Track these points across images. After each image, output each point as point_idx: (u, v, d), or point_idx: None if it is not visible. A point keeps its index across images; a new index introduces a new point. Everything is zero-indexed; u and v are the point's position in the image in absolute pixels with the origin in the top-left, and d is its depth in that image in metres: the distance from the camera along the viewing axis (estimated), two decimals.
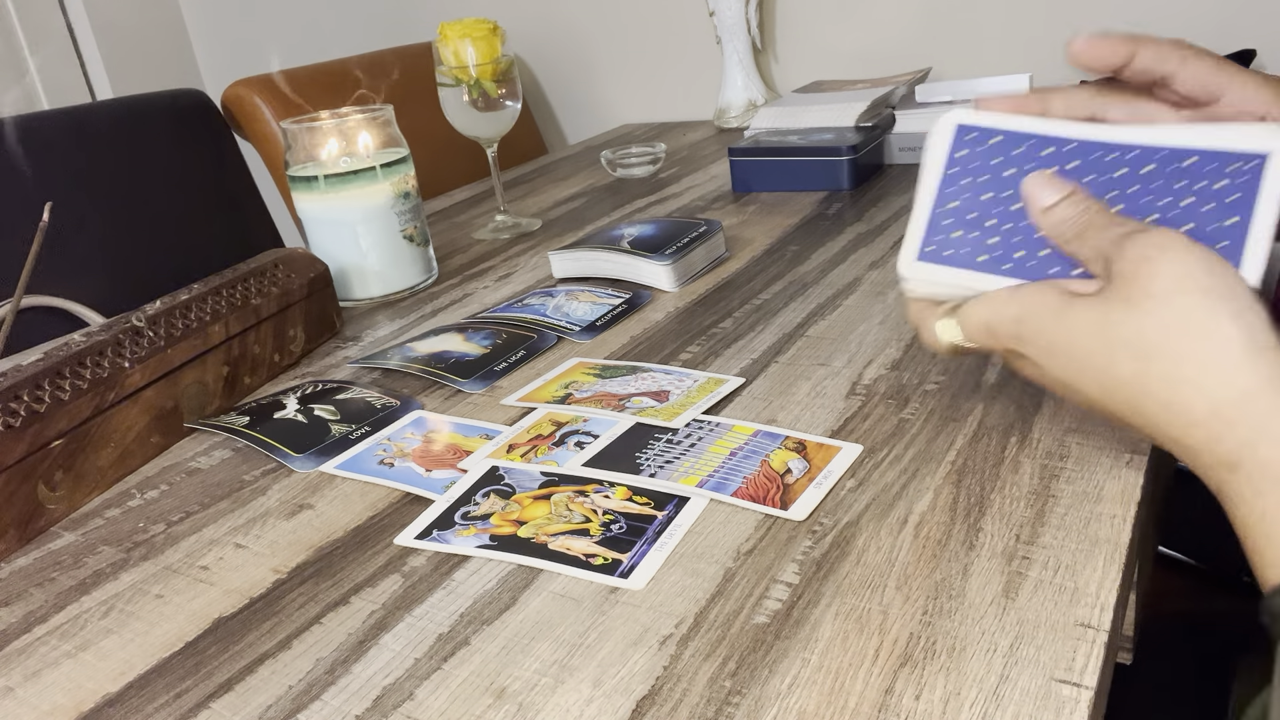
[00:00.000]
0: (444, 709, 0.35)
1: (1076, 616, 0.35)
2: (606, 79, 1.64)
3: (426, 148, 1.12)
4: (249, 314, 0.65)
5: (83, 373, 0.53)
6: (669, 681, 0.35)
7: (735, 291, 0.73)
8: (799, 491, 0.45)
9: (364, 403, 0.60)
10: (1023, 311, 0.40)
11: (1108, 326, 0.36)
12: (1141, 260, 0.36)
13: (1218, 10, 1.18)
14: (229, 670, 0.38)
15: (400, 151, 0.81)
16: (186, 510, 0.51)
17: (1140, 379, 0.36)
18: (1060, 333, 0.38)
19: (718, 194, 1.05)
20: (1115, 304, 0.36)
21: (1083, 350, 0.37)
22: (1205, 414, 0.34)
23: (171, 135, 1.18)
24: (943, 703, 0.32)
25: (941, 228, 0.43)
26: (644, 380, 0.58)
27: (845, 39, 1.42)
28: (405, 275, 0.82)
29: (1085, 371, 0.38)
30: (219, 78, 1.98)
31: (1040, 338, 0.39)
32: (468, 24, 0.93)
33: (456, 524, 0.46)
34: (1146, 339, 0.35)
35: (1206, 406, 0.34)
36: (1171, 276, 0.35)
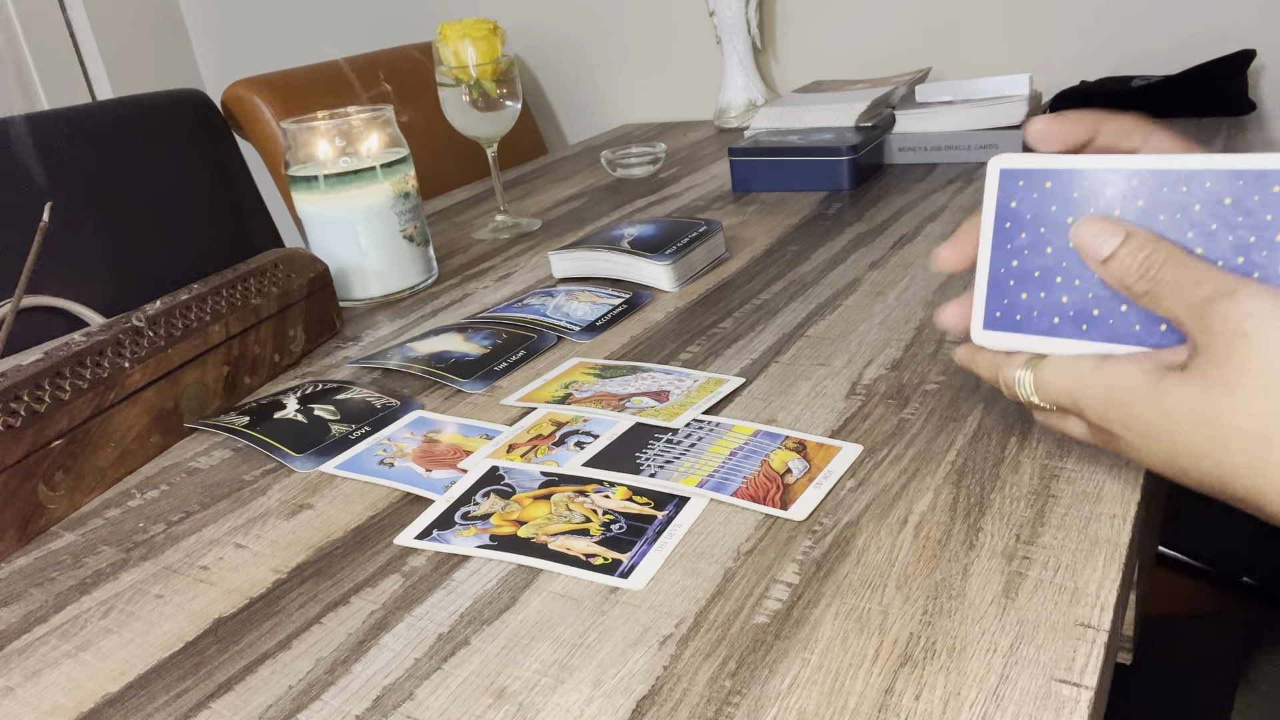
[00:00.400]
0: (444, 709, 0.35)
1: (1076, 616, 0.35)
2: (606, 79, 1.64)
3: (426, 148, 1.12)
4: (249, 314, 0.65)
5: (83, 373, 0.53)
6: (669, 681, 0.35)
7: (735, 291, 0.73)
8: (799, 491, 0.45)
9: (364, 403, 0.60)
10: (1109, 391, 0.36)
11: (1209, 412, 0.34)
12: (1235, 336, 0.33)
13: (1218, 10, 1.18)
14: (229, 670, 0.38)
15: (400, 151, 0.81)
16: (186, 510, 0.51)
17: (1258, 468, 0.33)
18: (1156, 417, 0.35)
19: (718, 194, 1.05)
20: (1213, 388, 0.33)
21: (1185, 437, 0.35)
22: None
23: (171, 135, 1.18)
24: (943, 703, 0.32)
25: (1007, 289, 0.39)
26: (644, 380, 0.58)
27: (845, 39, 1.42)
28: (405, 275, 0.82)
29: (1193, 458, 0.35)
30: (219, 78, 1.98)
31: (1134, 421, 0.36)
32: (468, 24, 0.93)
33: (456, 524, 0.46)
34: (1257, 425, 0.33)
35: None
36: (1269, 353, 0.32)
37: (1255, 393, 0.32)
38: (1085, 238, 0.37)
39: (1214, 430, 0.34)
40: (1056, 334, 0.39)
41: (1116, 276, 0.36)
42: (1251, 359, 0.32)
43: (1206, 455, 0.34)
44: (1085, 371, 0.37)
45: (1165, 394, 0.35)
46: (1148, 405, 0.35)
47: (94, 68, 1.86)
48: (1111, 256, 0.36)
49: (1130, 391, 0.36)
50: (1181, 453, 0.35)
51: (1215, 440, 0.34)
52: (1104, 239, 0.36)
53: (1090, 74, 1.23)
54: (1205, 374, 0.34)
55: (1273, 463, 0.32)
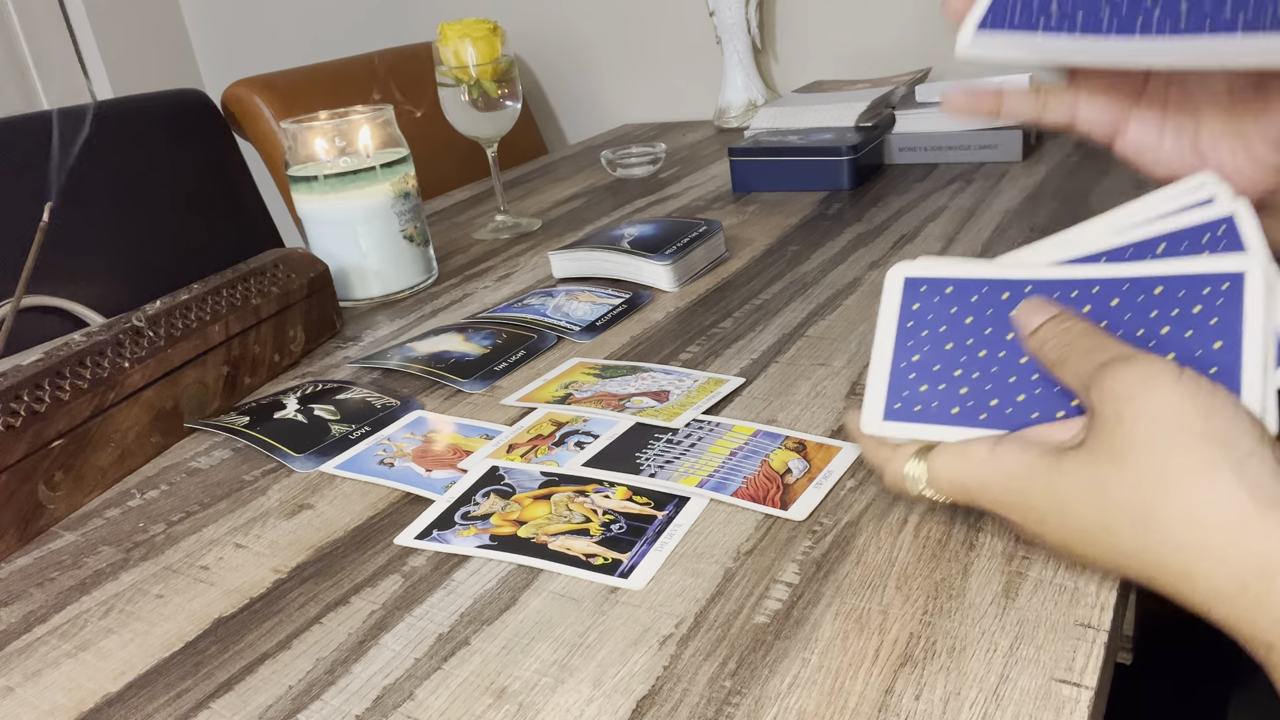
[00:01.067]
0: (444, 709, 0.35)
1: (1076, 616, 0.35)
2: (606, 79, 1.64)
3: (426, 148, 1.12)
4: (249, 314, 0.65)
5: (83, 373, 0.53)
6: (669, 681, 0.35)
7: (735, 291, 0.73)
8: (799, 491, 0.45)
9: (364, 403, 0.60)
10: (1004, 477, 0.35)
11: (1100, 491, 0.32)
12: (1125, 400, 0.32)
13: None
14: (229, 670, 0.38)
15: (400, 151, 0.81)
16: (186, 510, 0.51)
17: (1149, 552, 0.32)
18: (1050, 501, 0.34)
19: (718, 194, 1.05)
20: (1102, 462, 0.32)
21: (1077, 520, 0.33)
22: (1231, 590, 0.30)
23: (171, 135, 1.18)
24: (943, 703, 0.32)
25: (907, 382, 0.40)
26: (644, 380, 0.58)
27: (845, 39, 1.42)
28: (405, 275, 0.82)
29: (1085, 541, 0.34)
30: (219, 78, 1.98)
31: (1029, 508, 0.35)
32: (468, 24, 0.93)
33: (456, 524, 0.46)
34: (1142, 502, 0.31)
35: (1230, 582, 0.30)
36: (1159, 421, 0.31)
37: (1141, 465, 0.31)
38: (1021, 313, 0.38)
39: (1102, 509, 0.32)
40: (954, 423, 0.39)
41: (1037, 345, 0.37)
42: (1138, 426, 0.32)
43: (1098, 539, 0.33)
44: (978, 459, 0.36)
45: (1059, 477, 0.34)
46: (1042, 492, 0.34)
47: (94, 68, 1.86)
48: (1039, 328, 0.37)
49: (1024, 476, 0.35)
50: (1079, 539, 0.34)
51: (1104, 522, 0.32)
52: (1035, 314, 0.37)
53: None
54: (1096, 448, 0.33)
55: (1160, 546, 0.31)
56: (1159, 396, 0.32)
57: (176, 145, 1.18)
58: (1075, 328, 0.36)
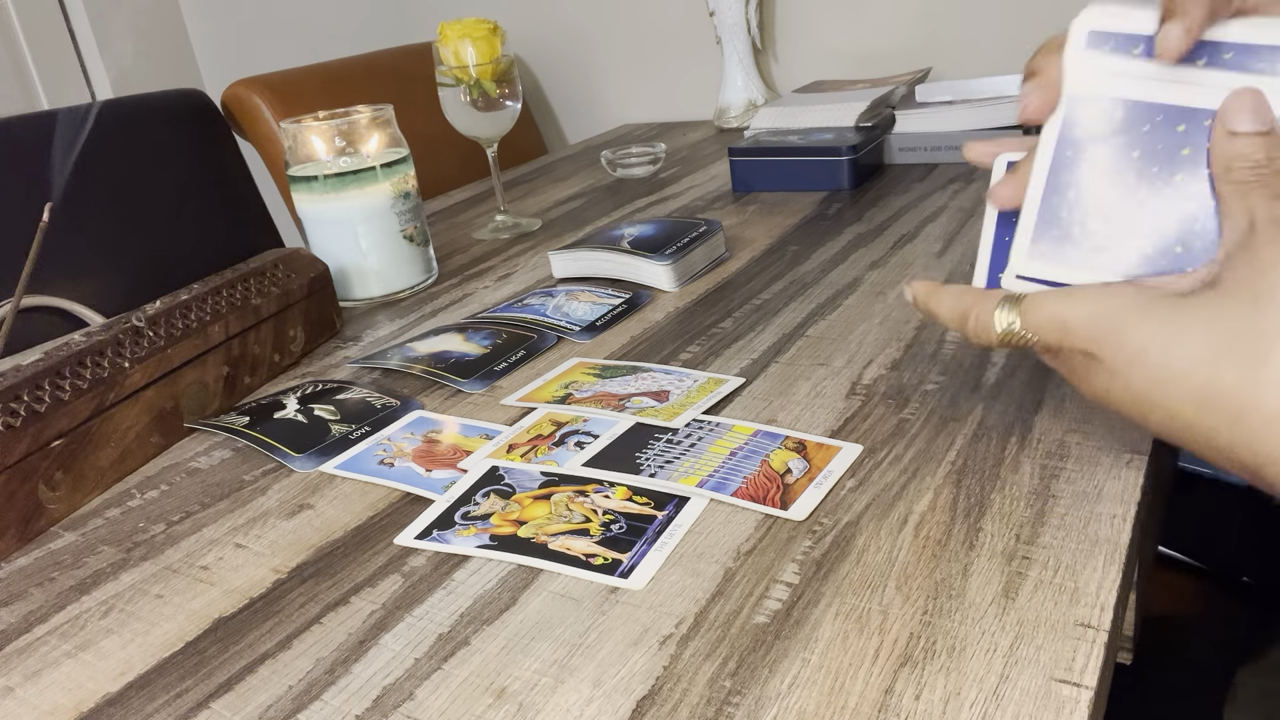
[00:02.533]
0: (444, 709, 0.35)
1: (1076, 616, 0.35)
2: (606, 79, 1.64)
3: (426, 148, 1.12)
4: (249, 314, 0.65)
5: (83, 373, 0.53)
6: (669, 681, 0.35)
7: (735, 291, 0.73)
8: (799, 491, 0.45)
9: (364, 403, 0.60)
10: (1113, 308, 0.34)
11: (1221, 325, 0.32)
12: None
13: None
14: (229, 670, 0.38)
15: (400, 151, 0.81)
16: (186, 510, 0.51)
17: (1249, 386, 0.31)
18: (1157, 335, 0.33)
19: (718, 194, 1.05)
20: (1239, 300, 0.32)
21: (1182, 355, 0.32)
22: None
23: (171, 135, 1.18)
24: (943, 703, 0.32)
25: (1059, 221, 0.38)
26: (644, 380, 0.58)
27: (845, 39, 1.42)
28: (405, 275, 0.82)
29: (1179, 379, 0.32)
30: (219, 78, 1.98)
31: (1129, 340, 0.34)
32: (468, 24, 0.93)
33: (456, 524, 0.46)
34: (1264, 340, 0.31)
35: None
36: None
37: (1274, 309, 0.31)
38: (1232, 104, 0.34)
39: (1216, 341, 0.32)
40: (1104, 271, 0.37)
41: (1230, 155, 0.34)
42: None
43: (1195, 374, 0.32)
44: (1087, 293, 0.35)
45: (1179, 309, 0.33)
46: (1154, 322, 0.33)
47: (94, 68, 1.86)
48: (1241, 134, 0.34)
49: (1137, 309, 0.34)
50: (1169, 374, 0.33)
51: (1212, 354, 0.32)
52: (1245, 116, 0.34)
53: None
54: (1237, 287, 0.32)
55: (1261, 379, 0.31)
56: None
57: (176, 145, 1.18)
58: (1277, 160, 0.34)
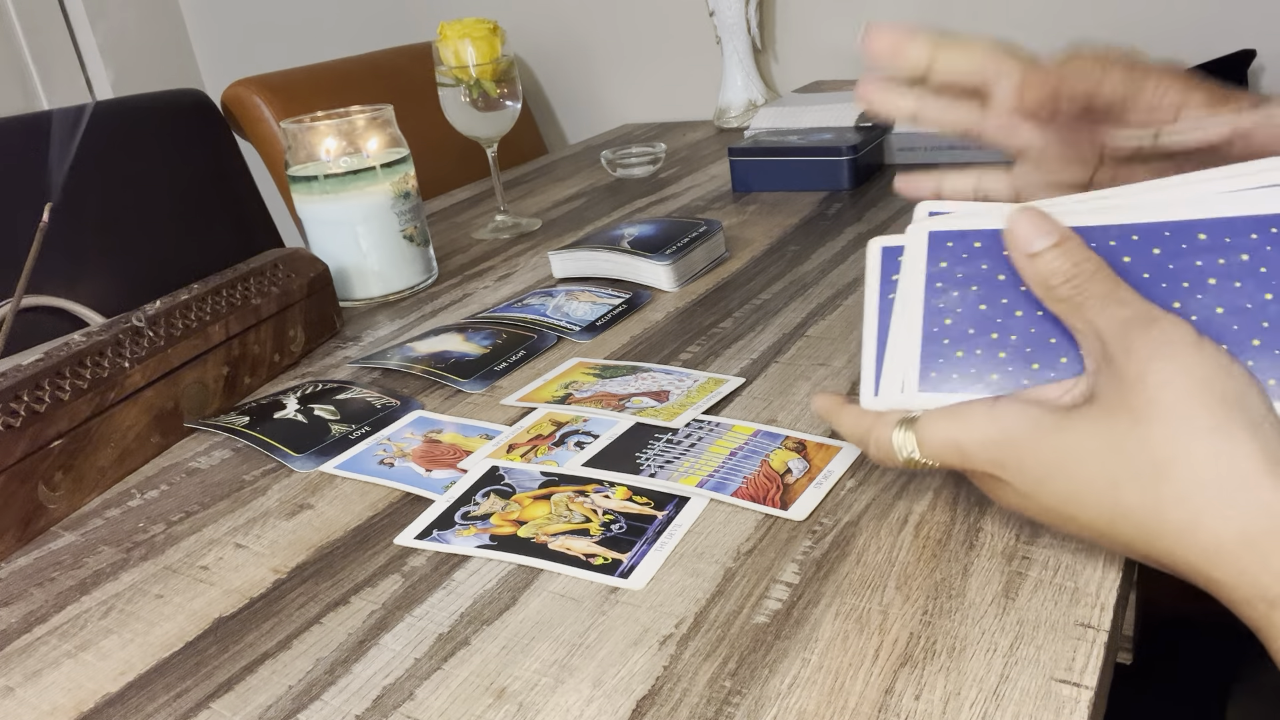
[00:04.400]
0: (444, 709, 0.35)
1: (1076, 616, 0.35)
2: (606, 79, 1.64)
3: (426, 148, 1.12)
4: (249, 314, 0.65)
5: (83, 373, 0.53)
6: (669, 681, 0.35)
7: (735, 291, 0.73)
8: (799, 491, 0.45)
9: (364, 403, 0.60)
10: (1005, 435, 0.35)
11: (1112, 446, 0.32)
12: (1148, 360, 0.32)
13: (1218, 10, 1.18)
14: (229, 670, 0.38)
15: (400, 151, 0.81)
16: (186, 510, 0.51)
17: (1152, 505, 0.31)
18: (1054, 458, 0.34)
19: (718, 194, 1.05)
20: (1119, 419, 0.32)
21: (1083, 477, 0.33)
22: (1235, 543, 0.30)
23: (171, 135, 1.18)
24: (943, 703, 0.32)
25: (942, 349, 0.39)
26: (644, 380, 0.58)
27: (845, 39, 1.42)
28: (405, 275, 0.82)
29: (1086, 500, 0.33)
30: (219, 78, 1.98)
31: (1028, 464, 0.34)
32: (468, 24, 0.93)
33: (456, 524, 0.46)
34: (1156, 457, 0.31)
35: (1235, 534, 0.30)
36: (1180, 386, 0.31)
37: (1158, 424, 0.31)
38: (1018, 228, 0.35)
39: (1112, 464, 0.32)
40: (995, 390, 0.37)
41: (1041, 276, 0.35)
42: (1162, 390, 0.31)
43: (1101, 496, 0.33)
44: (976, 419, 0.36)
45: (1065, 432, 0.33)
46: (1047, 444, 0.34)
47: (94, 68, 1.86)
48: (1039, 254, 0.35)
49: (1027, 432, 0.34)
50: (1075, 494, 0.33)
51: (1111, 477, 0.32)
52: (1037, 235, 0.35)
53: None
54: (1112, 405, 0.33)
55: (1166, 497, 0.31)
56: (1185, 359, 0.32)
57: (176, 145, 1.18)
58: (1085, 265, 0.34)
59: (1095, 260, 0.34)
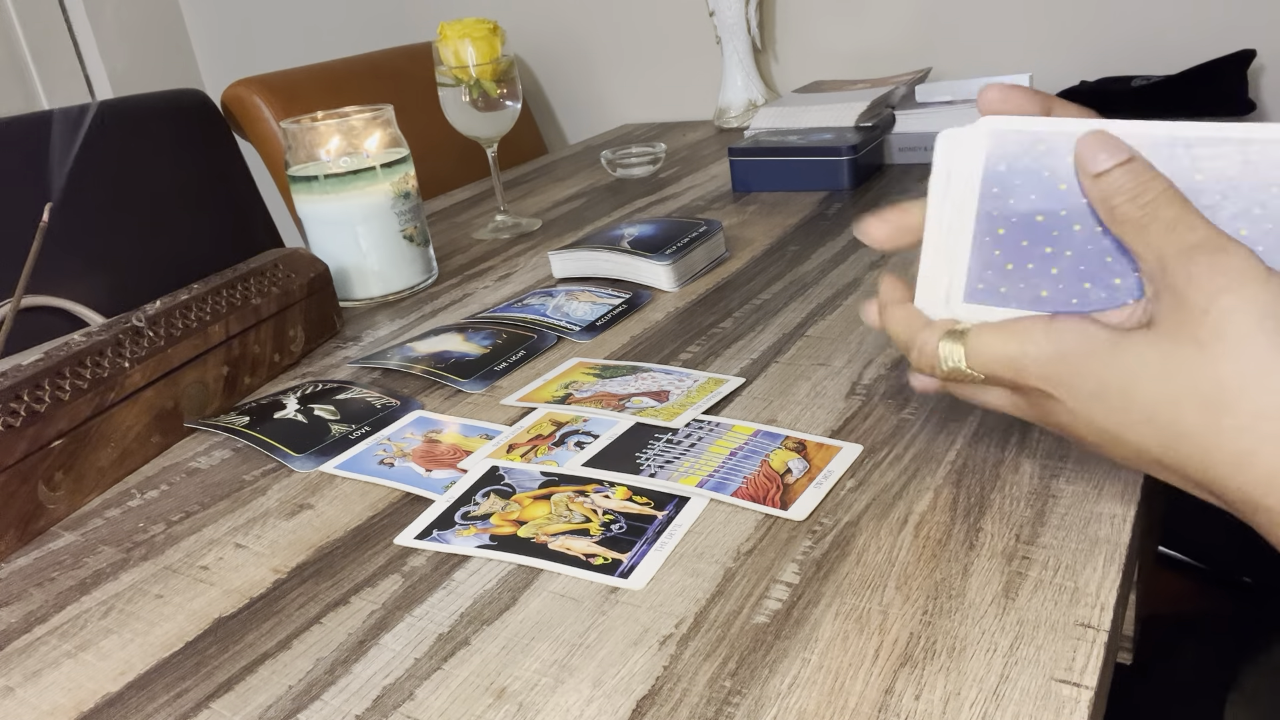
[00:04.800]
0: (444, 709, 0.35)
1: (1076, 616, 0.35)
2: (606, 79, 1.64)
3: (426, 148, 1.12)
4: (249, 314, 0.65)
5: (83, 373, 0.53)
6: (669, 681, 0.35)
7: (735, 291, 0.73)
8: (799, 491, 0.45)
9: (364, 403, 0.60)
10: (1062, 349, 0.34)
11: (1173, 371, 0.32)
12: (1217, 292, 0.31)
13: (1218, 10, 1.18)
14: (229, 670, 0.38)
15: (400, 151, 0.81)
16: (186, 510, 0.51)
17: (1212, 430, 0.31)
18: (1112, 377, 0.33)
19: (718, 194, 1.05)
20: (1183, 345, 0.32)
21: (1141, 398, 0.33)
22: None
23: (171, 135, 1.18)
24: (943, 703, 0.32)
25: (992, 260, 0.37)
26: (644, 380, 0.58)
27: (845, 39, 1.42)
28: (405, 275, 0.82)
29: (1141, 420, 0.33)
30: (219, 78, 1.98)
31: (1085, 381, 0.34)
32: (468, 24, 0.93)
33: (456, 524, 0.46)
34: (1220, 385, 0.31)
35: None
36: (1249, 317, 0.31)
37: (1224, 356, 0.31)
38: (1084, 149, 0.34)
39: (1173, 387, 0.32)
40: (1044, 307, 0.36)
41: (1105, 194, 0.34)
42: (1229, 321, 0.31)
43: (1157, 417, 0.32)
44: (1035, 334, 0.35)
45: (1127, 354, 0.33)
46: (1104, 365, 0.33)
47: (94, 68, 1.86)
48: (1105, 173, 0.34)
49: (1086, 348, 0.34)
50: (1131, 415, 0.33)
51: (1171, 399, 0.32)
52: (1103, 154, 0.34)
53: (1090, 74, 1.23)
54: (1176, 330, 0.32)
55: (1225, 428, 0.31)
56: (1251, 291, 0.31)
57: (176, 145, 1.18)
58: (1154, 186, 0.33)
59: (1163, 182, 0.33)
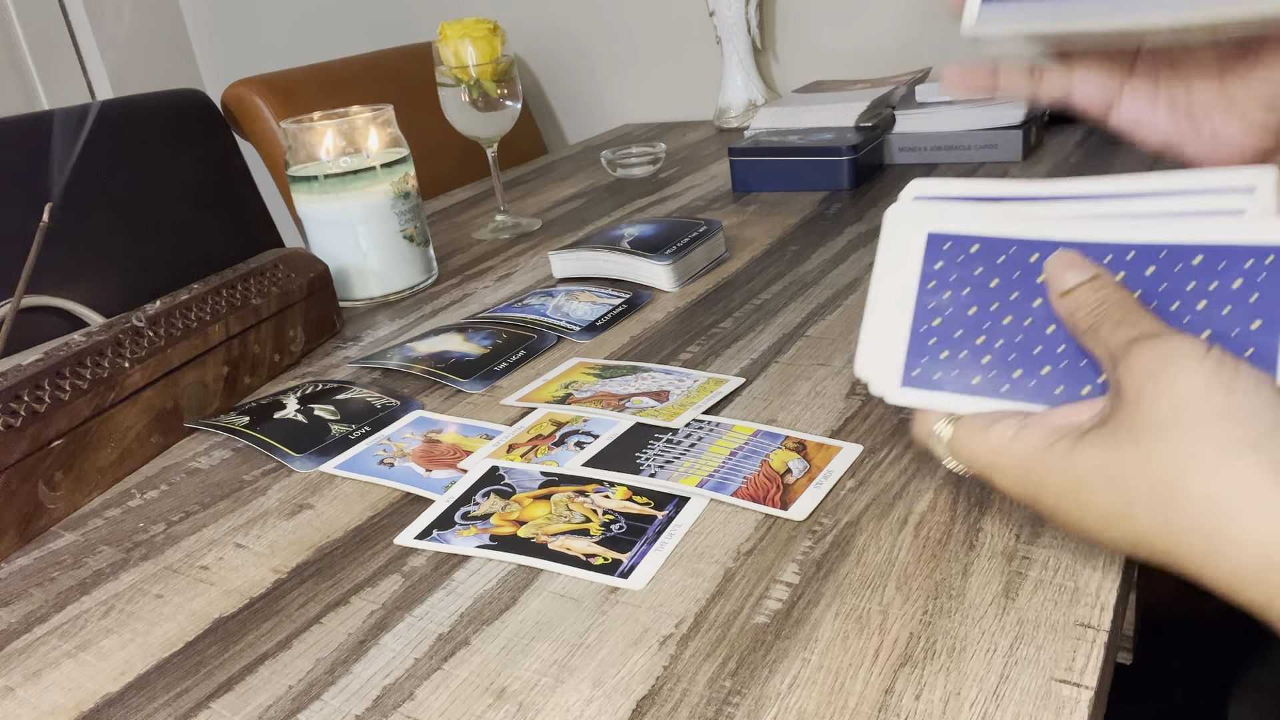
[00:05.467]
0: (444, 709, 0.35)
1: (1076, 616, 0.35)
2: (606, 79, 1.64)
3: (426, 148, 1.12)
4: (249, 314, 0.65)
5: (83, 373, 0.53)
6: (669, 681, 0.35)
7: (735, 291, 0.73)
8: (799, 491, 0.45)
9: (364, 403, 0.60)
10: (1021, 464, 0.35)
11: (1118, 472, 0.32)
12: (1146, 377, 0.32)
13: None
14: (229, 670, 0.38)
15: (400, 151, 0.81)
16: (186, 510, 0.51)
17: (1169, 533, 0.31)
18: (1066, 485, 0.34)
19: (718, 194, 1.05)
20: (1122, 443, 0.32)
21: (1095, 503, 0.33)
22: (1256, 567, 0.29)
23: (171, 135, 1.18)
24: (943, 703, 0.32)
25: (927, 349, 0.39)
26: (644, 380, 0.58)
27: (845, 39, 1.42)
28: (405, 275, 0.82)
29: (1105, 524, 0.33)
30: (219, 78, 1.98)
31: (1043, 494, 0.35)
32: (468, 24, 0.93)
33: (456, 524, 0.46)
34: (1161, 479, 0.31)
35: (1256, 560, 0.29)
36: (1177, 400, 0.31)
37: (1158, 442, 0.31)
38: (1055, 267, 0.37)
39: (1121, 490, 0.32)
40: (976, 393, 0.38)
41: (1069, 310, 0.36)
42: (1158, 404, 0.31)
43: (1116, 519, 0.32)
44: (998, 442, 0.36)
45: (1074, 458, 0.33)
46: (1060, 474, 0.34)
47: (94, 68, 1.86)
48: (1072, 290, 0.36)
49: (1039, 464, 0.34)
50: (1091, 519, 0.33)
51: (1122, 501, 0.32)
52: (1071, 273, 0.36)
53: None
54: (1116, 428, 0.32)
55: (1174, 523, 0.30)
56: (1181, 374, 0.31)
57: (176, 145, 1.18)
58: (1111, 296, 0.35)
59: (1122, 292, 0.35)
